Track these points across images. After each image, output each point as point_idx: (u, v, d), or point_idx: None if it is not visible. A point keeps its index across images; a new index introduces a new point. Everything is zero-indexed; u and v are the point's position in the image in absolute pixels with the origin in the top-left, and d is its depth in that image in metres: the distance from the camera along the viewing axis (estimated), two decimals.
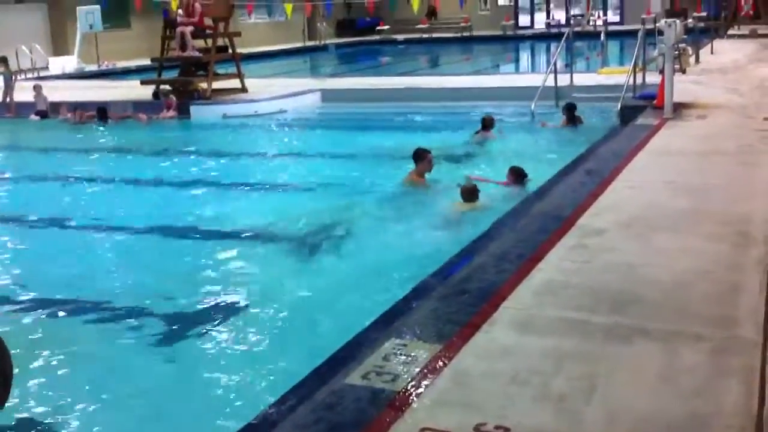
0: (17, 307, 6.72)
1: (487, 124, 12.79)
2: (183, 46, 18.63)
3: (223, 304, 6.56)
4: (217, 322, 6.22)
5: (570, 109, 13.40)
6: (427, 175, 9.72)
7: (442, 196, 9.29)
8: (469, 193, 8.41)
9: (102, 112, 17.21)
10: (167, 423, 4.75)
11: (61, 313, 6.59)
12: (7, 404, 1.97)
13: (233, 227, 8.90)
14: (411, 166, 9.77)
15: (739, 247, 5.65)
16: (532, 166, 9.41)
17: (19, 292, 7.04)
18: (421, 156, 9.60)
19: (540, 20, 41.71)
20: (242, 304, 6.56)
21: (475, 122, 13.55)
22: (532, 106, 14.38)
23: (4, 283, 7.35)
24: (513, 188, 9.01)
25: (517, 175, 9.10)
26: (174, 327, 6.23)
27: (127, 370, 5.50)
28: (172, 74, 19.85)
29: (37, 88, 18.39)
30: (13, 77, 19.80)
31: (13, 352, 2.08)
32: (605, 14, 37.59)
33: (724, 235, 5.91)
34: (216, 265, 7.54)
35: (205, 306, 6.53)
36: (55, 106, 18.00)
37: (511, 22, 40.63)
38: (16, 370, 2.11)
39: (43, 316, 6.51)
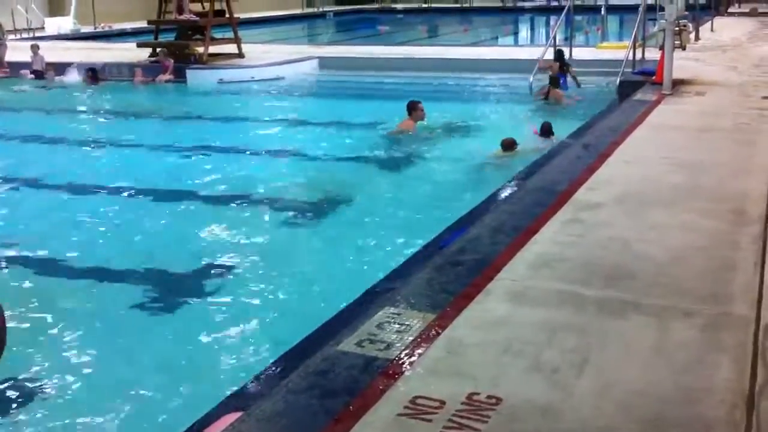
0: (9, 268, 6.71)
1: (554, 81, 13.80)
2: (180, 9, 18.50)
3: (216, 269, 6.55)
4: (210, 286, 6.24)
5: (560, 56, 14.39)
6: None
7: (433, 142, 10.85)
8: (509, 145, 9.85)
9: (92, 72, 17.16)
10: (159, 386, 4.76)
11: (49, 275, 6.60)
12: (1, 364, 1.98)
13: (228, 192, 8.88)
14: None
15: (735, 224, 5.65)
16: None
17: (11, 254, 7.02)
18: (414, 106, 11.30)
19: None
20: (236, 269, 6.56)
21: (476, 93, 13.64)
22: (530, 79, 14.32)
23: None
24: (541, 140, 10.21)
25: (544, 130, 10.46)
26: (167, 291, 6.24)
27: (122, 331, 5.51)
28: (169, 37, 19.71)
29: (34, 48, 18.30)
30: (4, 36, 19.58)
31: (8, 313, 2.08)
32: None
33: (720, 212, 5.91)
34: (209, 230, 7.52)
35: (198, 271, 6.54)
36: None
37: None
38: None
39: (37, 278, 6.50)
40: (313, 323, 4.80)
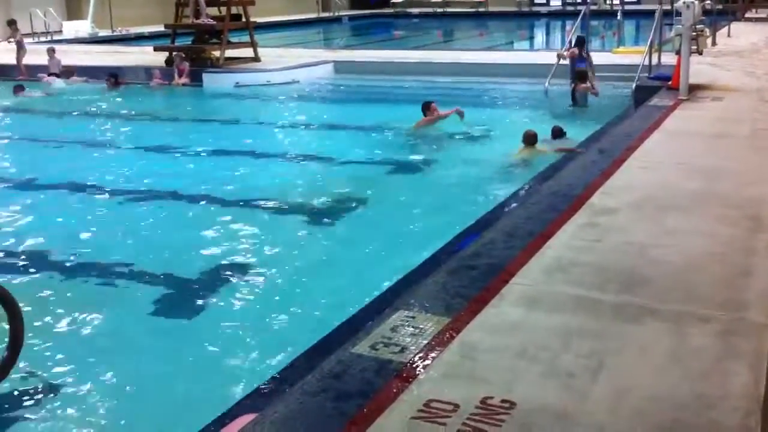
0: (31, 269, 6.75)
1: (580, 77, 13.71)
2: (197, 13, 18.58)
3: (233, 271, 6.57)
4: (225, 289, 6.25)
5: (581, 42, 14.26)
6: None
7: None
8: (530, 137, 9.86)
9: (114, 77, 17.27)
10: (174, 387, 4.78)
11: (64, 278, 6.63)
12: (17, 366, 1.99)
13: (243, 194, 8.90)
14: None
15: (751, 231, 5.62)
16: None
17: (25, 257, 7.06)
18: (428, 107, 11.69)
19: None
20: (252, 272, 6.58)
21: (491, 97, 13.66)
22: (546, 84, 14.31)
23: (14, 248, 7.38)
24: (557, 142, 10.27)
25: (555, 133, 10.55)
26: (183, 293, 6.26)
27: (137, 332, 5.53)
28: (186, 41, 19.81)
29: (50, 52, 18.41)
30: (21, 38, 19.61)
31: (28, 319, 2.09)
32: None
33: (736, 218, 5.88)
34: (226, 233, 7.54)
35: (214, 273, 6.56)
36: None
37: None
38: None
39: (51, 279, 6.54)
40: (327, 326, 4.81)
